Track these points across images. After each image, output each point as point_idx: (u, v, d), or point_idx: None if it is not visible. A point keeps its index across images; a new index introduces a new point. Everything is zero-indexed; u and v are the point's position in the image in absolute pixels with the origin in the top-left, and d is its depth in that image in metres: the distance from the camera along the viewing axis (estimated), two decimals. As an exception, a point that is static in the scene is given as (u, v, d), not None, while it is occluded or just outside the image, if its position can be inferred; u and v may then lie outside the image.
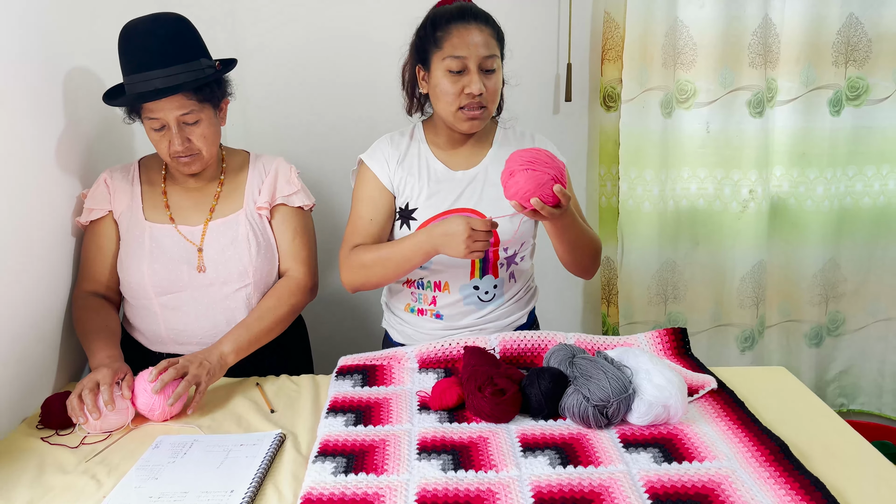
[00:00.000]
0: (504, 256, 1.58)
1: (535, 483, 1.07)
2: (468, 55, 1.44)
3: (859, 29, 2.21)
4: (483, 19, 1.47)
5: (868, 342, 2.51)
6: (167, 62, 1.41)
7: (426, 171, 1.57)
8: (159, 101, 1.42)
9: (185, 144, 1.48)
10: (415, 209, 1.56)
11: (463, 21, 1.45)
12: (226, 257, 1.56)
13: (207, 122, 1.50)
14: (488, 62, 1.45)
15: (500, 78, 1.51)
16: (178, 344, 1.58)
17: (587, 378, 1.25)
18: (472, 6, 1.50)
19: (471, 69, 1.45)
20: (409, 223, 1.56)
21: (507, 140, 1.62)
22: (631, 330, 2.42)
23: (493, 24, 1.49)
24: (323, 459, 1.15)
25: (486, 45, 1.45)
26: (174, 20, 1.47)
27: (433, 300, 1.60)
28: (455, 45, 1.44)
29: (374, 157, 1.59)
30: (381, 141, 1.62)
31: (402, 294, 1.65)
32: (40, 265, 1.49)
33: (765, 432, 1.19)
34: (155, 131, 1.48)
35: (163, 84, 1.41)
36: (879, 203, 2.37)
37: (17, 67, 1.42)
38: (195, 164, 1.52)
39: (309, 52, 2.24)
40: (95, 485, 1.14)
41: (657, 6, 2.18)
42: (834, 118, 2.28)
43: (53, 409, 1.32)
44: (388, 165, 1.58)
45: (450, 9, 1.48)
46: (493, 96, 1.49)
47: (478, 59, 1.44)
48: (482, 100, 1.47)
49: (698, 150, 2.31)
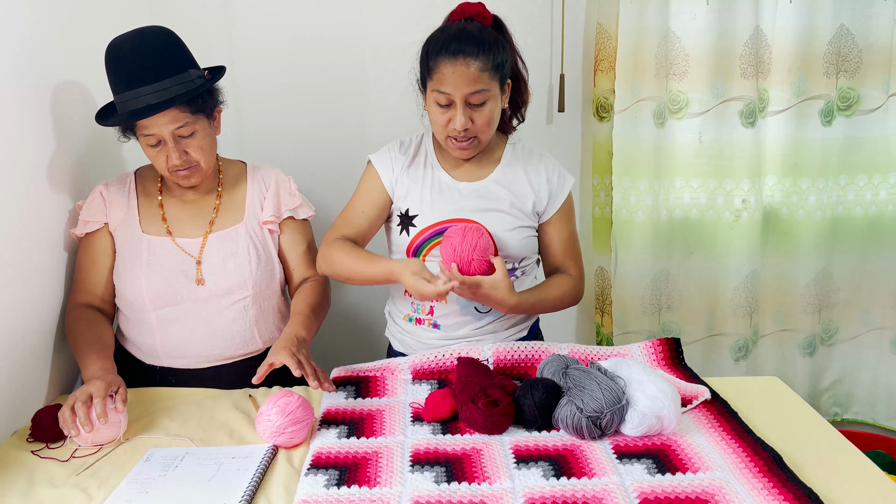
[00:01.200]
0: None
1: (529, 495, 1.07)
2: (453, 92, 1.41)
3: (850, 40, 2.23)
4: (473, 53, 1.40)
5: (861, 351, 2.51)
6: (157, 77, 1.40)
7: (430, 179, 1.58)
8: (153, 117, 1.41)
9: (183, 157, 1.47)
10: (415, 215, 1.56)
11: (450, 56, 1.41)
12: (226, 269, 1.56)
13: (203, 132, 1.50)
14: (475, 97, 1.42)
15: (494, 107, 1.46)
16: (173, 357, 1.58)
17: (581, 389, 1.25)
18: (466, 34, 1.43)
19: (456, 104, 1.43)
20: (409, 229, 1.56)
21: (516, 157, 1.61)
22: (625, 340, 2.42)
23: (488, 51, 1.42)
24: (315, 472, 1.15)
25: (472, 82, 1.41)
26: (159, 33, 1.46)
27: (431, 310, 1.60)
28: (441, 79, 1.42)
29: (381, 159, 1.61)
30: (392, 145, 1.63)
31: (403, 303, 1.65)
32: (31, 277, 1.48)
33: (758, 443, 1.19)
34: (151, 147, 1.47)
35: (154, 99, 1.40)
36: (871, 212, 2.38)
37: (7, 81, 1.41)
38: (194, 176, 1.52)
39: (304, 59, 2.25)
40: (86, 498, 1.13)
41: (649, 17, 2.19)
42: (825, 128, 2.29)
43: (44, 423, 1.31)
44: (393, 169, 1.59)
45: (443, 38, 1.44)
46: (484, 128, 1.47)
47: (463, 96, 1.42)
48: (469, 133, 1.46)
49: (691, 161, 2.31)
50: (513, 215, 1.55)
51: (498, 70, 1.44)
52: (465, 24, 1.46)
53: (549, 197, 1.59)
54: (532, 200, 1.57)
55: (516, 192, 1.57)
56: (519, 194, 1.57)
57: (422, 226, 1.55)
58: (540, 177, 1.59)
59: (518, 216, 1.56)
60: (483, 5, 1.51)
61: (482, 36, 1.43)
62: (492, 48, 1.43)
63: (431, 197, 1.56)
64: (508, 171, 1.59)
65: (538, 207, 1.59)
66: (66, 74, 1.63)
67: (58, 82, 1.59)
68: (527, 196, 1.57)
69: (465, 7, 1.50)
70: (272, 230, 1.64)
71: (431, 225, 1.54)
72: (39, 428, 1.31)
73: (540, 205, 1.58)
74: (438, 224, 1.54)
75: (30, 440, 1.32)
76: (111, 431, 1.29)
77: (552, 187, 1.59)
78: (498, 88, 1.46)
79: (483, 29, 1.46)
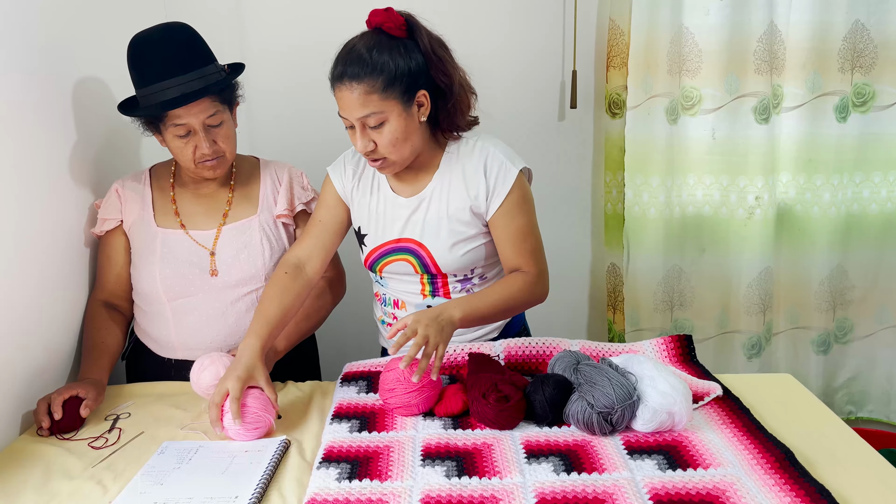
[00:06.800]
0: (455, 279, 1.53)
1: (539, 490, 1.07)
2: (348, 116, 1.37)
3: (865, 35, 2.21)
4: (356, 76, 1.33)
5: (876, 349, 2.49)
6: (185, 69, 1.44)
7: (377, 193, 1.55)
8: (186, 107, 1.45)
9: (212, 147, 1.50)
10: (365, 234, 1.56)
11: (337, 80, 1.36)
12: (239, 261, 1.58)
13: (228, 123, 1.54)
14: (370, 119, 1.35)
15: (396, 126, 1.36)
16: (188, 349, 1.60)
17: (591, 385, 1.25)
18: (353, 55, 1.35)
19: (356, 128, 1.38)
20: (363, 248, 1.58)
21: (453, 161, 1.50)
22: (637, 337, 2.42)
23: (373, 73, 1.33)
24: (327, 465, 1.16)
25: (361, 105, 1.34)
26: (184, 28, 1.50)
27: (394, 316, 1.60)
28: (340, 104, 1.38)
29: (335, 169, 1.60)
30: (347, 153, 1.61)
31: (377, 306, 1.66)
32: (54, 274, 1.51)
33: (770, 439, 1.19)
34: (180, 138, 1.49)
35: (187, 89, 1.43)
36: (887, 209, 2.36)
37: (26, 79, 1.44)
38: (220, 167, 1.55)
39: (314, 58, 2.24)
40: (101, 490, 1.15)
41: (662, 13, 2.18)
42: (840, 124, 2.28)
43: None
44: (346, 178, 1.57)
45: (337, 56, 1.38)
46: (389, 148, 1.38)
47: (358, 120, 1.36)
48: (375, 154, 1.40)
49: (704, 157, 2.30)
50: (452, 230, 1.48)
51: (392, 87, 1.34)
52: (357, 42, 1.38)
53: (488, 193, 1.46)
54: (468, 205, 1.47)
55: (453, 202, 1.48)
56: (455, 204, 1.48)
57: (371, 245, 1.55)
58: (477, 174, 1.47)
59: (456, 230, 1.48)
60: (391, 10, 1.39)
61: (369, 56, 1.34)
62: (378, 68, 1.33)
63: (377, 214, 1.54)
64: (444, 179, 1.50)
65: (477, 209, 1.48)
66: (84, 72, 1.65)
67: (77, 79, 1.62)
68: (462, 203, 1.48)
69: (372, 16, 1.40)
70: (286, 223, 1.67)
71: (378, 247, 1.54)
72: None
73: (479, 205, 1.47)
74: (383, 245, 1.53)
75: (40, 432, 1.34)
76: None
77: (490, 183, 1.46)
78: (399, 105, 1.36)
79: (377, 44, 1.36)
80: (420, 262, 1.50)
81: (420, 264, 1.51)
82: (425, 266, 1.51)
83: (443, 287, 1.54)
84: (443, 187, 1.50)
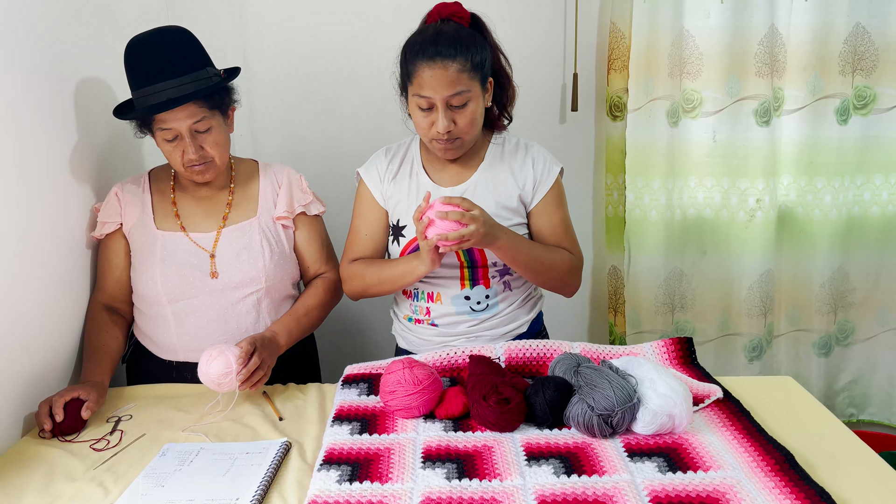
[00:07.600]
0: (496, 268, 1.57)
1: (540, 492, 1.07)
2: (433, 95, 1.41)
3: (866, 38, 2.21)
4: (450, 55, 1.39)
5: (878, 351, 2.49)
6: (176, 73, 1.44)
7: (416, 187, 1.58)
8: (171, 112, 1.45)
9: (199, 152, 1.50)
10: (404, 226, 1.57)
11: (427, 59, 1.40)
12: (239, 262, 1.59)
13: (218, 129, 1.53)
14: (456, 99, 1.41)
15: (476, 107, 1.45)
16: (189, 350, 1.60)
17: (592, 387, 1.25)
18: (443, 35, 1.42)
19: (437, 107, 1.42)
20: (399, 240, 1.58)
21: (499, 156, 1.59)
22: (638, 339, 2.42)
23: (465, 52, 1.40)
24: (328, 467, 1.16)
25: (452, 84, 1.40)
26: (179, 32, 1.50)
27: (427, 311, 1.61)
28: (421, 83, 1.41)
29: (368, 173, 1.62)
30: (378, 154, 1.64)
31: (404, 304, 1.67)
32: (54, 275, 1.51)
33: (770, 442, 1.19)
34: (168, 142, 1.50)
35: (174, 94, 1.43)
36: (888, 212, 2.36)
37: (30, 80, 1.44)
38: (209, 171, 1.55)
39: (316, 61, 2.26)
40: (103, 492, 1.15)
41: (663, 16, 2.18)
42: (841, 127, 2.28)
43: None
44: (382, 181, 1.60)
45: (419, 41, 1.43)
46: (467, 128, 1.45)
47: (443, 99, 1.41)
48: (452, 135, 1.45)
49: (705, 160, 2.30)
50: (498, 216, 1.51)
51: (477, 69, 1.43)
52: (442, 26, 1.45)
53: (535, 184, 1.57)
54: (517, 193, 1.56)
55: (500, 191, 1.56)
56: (503, 192, 1.56)
57: (410, 236, 1.56)
58: (525, 167, 1.57)
59: (503, 216, 1.54)
60: (460, 4, 1.49)
61: (459, 36, 1.42)
62: (469, 48, 1.41)
63: (417, 205, 1.54)
64: (491, 170, 1.57)
65: (525, 198, 1.57)
66: (86, 73, 1.66)
67: (80, 80, 1.62)
68: (511, 191, 1.56)
69: (442, 7, 1.48)
70: (286, 225, 1.67)
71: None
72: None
73: (526, 194, 1.57)
74: None
75: (42, 434, 1.34)
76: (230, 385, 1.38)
77: (537, 175, 1.57)
78: (479, 88, 1.45)
79: (460, 29, 1.44)
80: (465, 250, 1.52)
81: (465, 252, 1.53)
82: (470, 254, 1.53)
83: (482, 279, 1.57)
84: (488, 178, 1.56)
